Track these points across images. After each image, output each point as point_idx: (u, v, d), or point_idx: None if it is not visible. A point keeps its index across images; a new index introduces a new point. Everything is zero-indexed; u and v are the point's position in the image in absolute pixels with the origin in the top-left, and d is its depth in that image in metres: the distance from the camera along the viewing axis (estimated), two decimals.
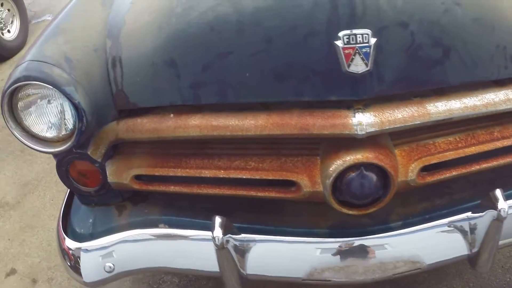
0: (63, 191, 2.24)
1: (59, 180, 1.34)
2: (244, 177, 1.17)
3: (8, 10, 4.03)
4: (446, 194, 1.22)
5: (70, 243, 1.33)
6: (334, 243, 1.17)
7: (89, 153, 1.25)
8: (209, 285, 1.68)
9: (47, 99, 1.15)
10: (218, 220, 1.11)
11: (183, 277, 1.72)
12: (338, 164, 1.07)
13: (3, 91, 1.13)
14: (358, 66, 1.00)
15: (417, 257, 1.15)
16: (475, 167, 1.12)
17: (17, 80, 1.09)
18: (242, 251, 1.16)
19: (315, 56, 1.02)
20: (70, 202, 1.46)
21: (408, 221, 1.19)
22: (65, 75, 1.11)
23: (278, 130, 1.07)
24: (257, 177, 1.16)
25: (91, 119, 1.13)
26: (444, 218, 1.16)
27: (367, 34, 0.98)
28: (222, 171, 1.18)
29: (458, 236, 1.14)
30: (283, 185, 1.18)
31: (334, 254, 1.16)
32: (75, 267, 1.33)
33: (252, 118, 1.09)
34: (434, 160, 1.10)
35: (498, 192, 1.03)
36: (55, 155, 1.31)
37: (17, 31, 4.10)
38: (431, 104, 1.05)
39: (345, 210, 1.13)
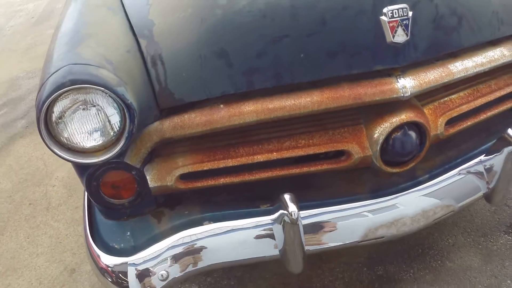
0: (37, 227, 2.08)
1: (29, 216, 1.27)
2: (298, 154, 1.23)
3: None
4: (454, 146, 1.42)
5: (111, 260, 1.25)
6: (382, 202, 1.29)
7: (127, 160, 1.20)
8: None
9: (90, 104, 1.08)
10: (287, 197, 1.16)
11: (202, 282, 1.70)
12: (385, 126, 1.20)
13: (40, 101, 1.04)
14: (400, 37, 1.14)
15: (449, 201, 1.32)
16: (483, 116, 1.35)
17: (62, 86, 1.02)
18: (310, 226, 1.22)
19: (364, 31, 1.14)
20: (92, 220, 1.36)
21: (433, 174, 1.36)
22: (113, 76, 1.06)
23: (333, 103, 1.16)
24: (310, 152, 1.23)
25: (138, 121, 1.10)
26: (461, 165, 1.36)
27: (406, 7, 1.13)
28: (275, 153, 1.23)
29: (477, 177, 1.34)
30: (329, 158, 1.27)
31: (383, 213, 1.28)
32: (120, 283, 1.25)
33: (307, 96, 1.16)
34: (454, 113, 1.30)
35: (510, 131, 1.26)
36: (82, 171, 1.23)
37: None
38: (452, 65, 1.24)
39: (390, 169, 1.27)
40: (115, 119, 1.09)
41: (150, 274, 1.23)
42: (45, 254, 2.01)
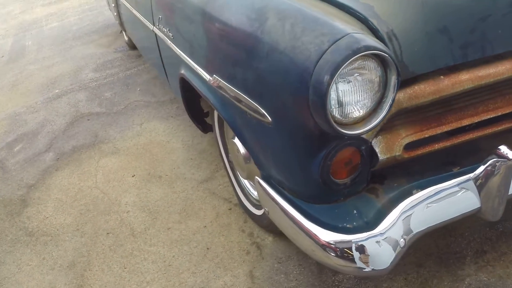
0: (131, 255, 2.20)
1: (114, 245, 1.37)
2: (491, 116, 1.45)
3: None
4: None
5: (354, 237, 1.32)
6: None
7: (364, 135, 1.31)
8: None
9: (368, 71, 1.19)
10: (504, 147, 1.35)
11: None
12: None
13: (334, 65, 1.09)
14: None
15: None
16: None
17: (358, 50, 1.10)
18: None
19: None
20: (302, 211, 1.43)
21: None
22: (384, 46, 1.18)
23: None
24: (500, 114, 1.46)
25: None
26: None
27: None
28: (475, 117, 1.45)
29: None
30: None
31: None
32: (363, 258, 1.32)
33: (503, 64, 1.40)
34: None
35: None
36: (316, 152, 1.30)
37: None
38: None
39: None
40: (390, 86, 1.20)
41: (394, 244, 1.32)
42: (157, 280, 1.94)
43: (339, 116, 1.22)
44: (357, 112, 1.23)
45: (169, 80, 2.70)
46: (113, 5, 3.99)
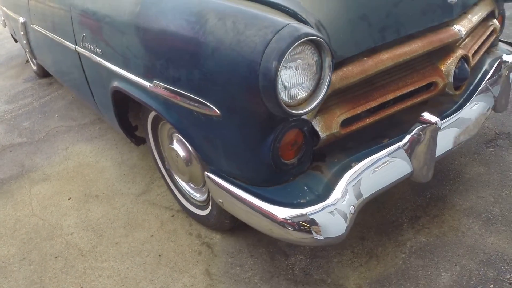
0: (85, 274, 2.42)
1: (65, 267, 1.65)
2: (410, 89, 1.66)
3: None
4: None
5: (309, 210, 1.44)
6: (455, 116, 1.79)
7: (305, 117, 1.45)
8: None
9: (309, 56, 1.34)
10: (427, 114, 1.55)
11: None
12: (452, 60, 1.75)
13: (280, 52, 1.22)
14: None
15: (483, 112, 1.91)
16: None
17: (298, 38, 1.24)
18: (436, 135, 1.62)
19: None
20: (258, 197, 1.54)
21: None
22: (319, 33, 1.33)
23: (430, 46, 1.67)
24: (417, 86, 1.68)
25: None
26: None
27: None
28: (397, 91, 1.65)
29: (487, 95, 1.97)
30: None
31: (458, 126, 1.79)
32: (319, 228, 1.44)
33: (415, 43, 1.63)
34: (476, 46, 1.92)
35: None
36: (265, 135, 1.42)
37: None
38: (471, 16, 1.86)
39: (455, 92, 1.79)
40: (325, 67, 1.34)
41: (344, 212, 1.46)
42: None
43: (286, 99, 1.35)
44: (301, 93, 1.37)
45: (95, 99, 2.68)
46: (21, 33, 3.85)
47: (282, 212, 1.48)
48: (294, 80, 1.35)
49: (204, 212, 2.19)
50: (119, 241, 2.23)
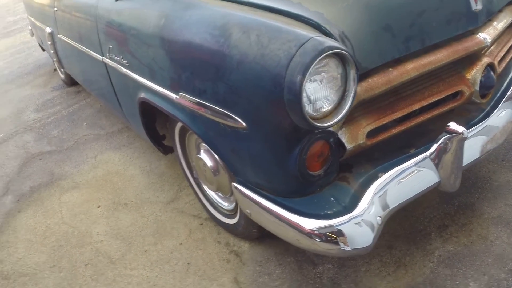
0: (114, 281, 2.24)
1: (95, 275, 1.61)
2: (436, 99, 1.66)
3: None
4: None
5: (326, 223, 1.46)
6: (482, 126, 1.78)
7: (331, 128, 1.46)
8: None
9: (333, 70, 1.36)
10: (453, 123, 1.55)
11: None
12: (478, 69, 1.74)
13: (304, 66, 1.25)
14: (478, 6, 1.69)
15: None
16: None
17: (322, 51, 1.27)
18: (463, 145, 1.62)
19: (458, 5, 1.67)
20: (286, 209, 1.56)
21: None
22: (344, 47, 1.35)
23: (456, 55, 1.65)
24: (443, 96, 1.68)
25: None
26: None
27: None
28: (423, 101, 1.65)
29: None
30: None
31: (485, 134, 1.77)
32: (346, 239, 1.45)
33: (440, 52, 1.62)
34: (502, 53, 1.90)
35: None
36: (292, 147, 1.45)
37: None
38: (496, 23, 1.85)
39: (482, 100, 1.78)
40: (350, 80, 1.37)
41: (371, 223, 1.47)
42: None
43: (311, 112, 1.37)
44: (326, 106, 1.39)
45: (122, 108, 2.74)
46: (49, 43, 3.97)
47: (309, 223, 1.50)
48: (319, 93, 1.37)
49: (232, 221, 2.23)
50: (148, 249, 2.29)
